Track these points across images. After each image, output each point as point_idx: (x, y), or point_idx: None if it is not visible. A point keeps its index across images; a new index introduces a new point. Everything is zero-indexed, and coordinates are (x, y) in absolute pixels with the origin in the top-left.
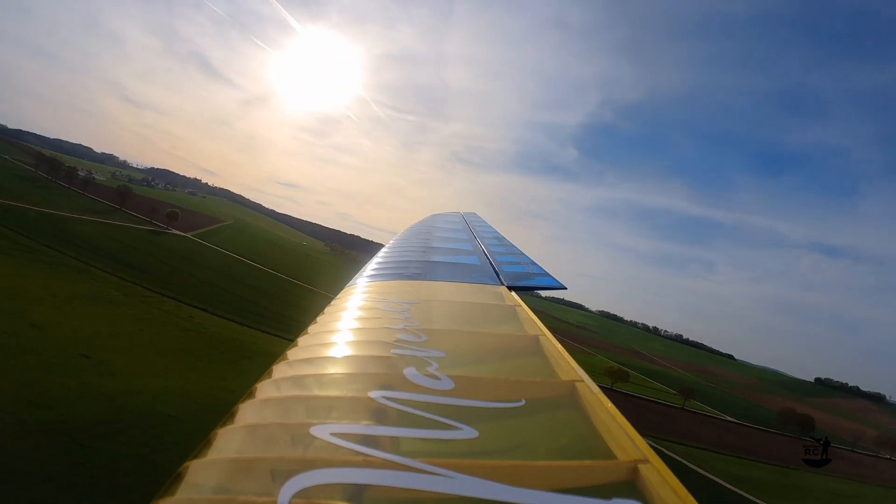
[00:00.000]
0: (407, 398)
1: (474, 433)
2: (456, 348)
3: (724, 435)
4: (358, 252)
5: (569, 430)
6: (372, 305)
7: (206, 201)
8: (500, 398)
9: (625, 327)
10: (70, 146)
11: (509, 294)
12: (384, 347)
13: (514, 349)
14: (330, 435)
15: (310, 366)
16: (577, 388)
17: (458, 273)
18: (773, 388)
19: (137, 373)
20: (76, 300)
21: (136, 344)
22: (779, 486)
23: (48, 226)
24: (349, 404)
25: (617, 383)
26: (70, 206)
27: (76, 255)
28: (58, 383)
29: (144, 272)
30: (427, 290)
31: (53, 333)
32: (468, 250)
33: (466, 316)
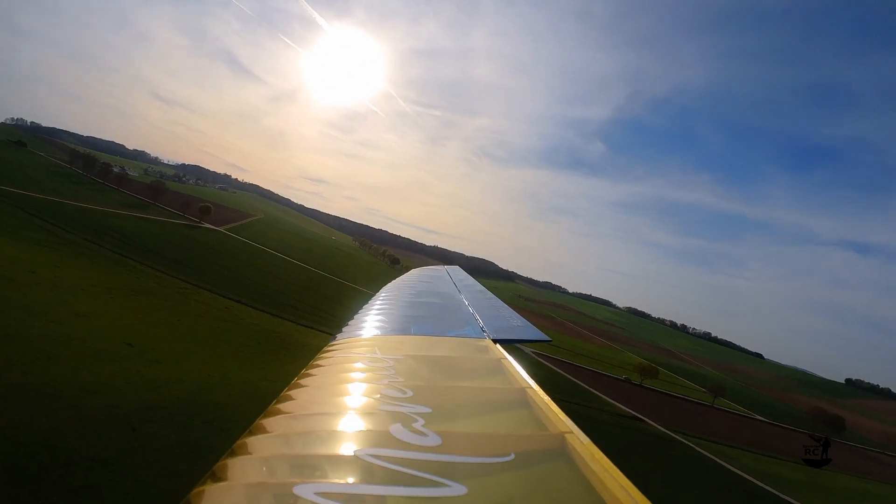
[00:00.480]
0: (393, 455)
1: (463, 489)
2: (442, 403)
3: (754, 433)
4: (387, 247)
5: (560, 482)
6: (356, 361)
7: (236, 196)
8: (488, 453)
9: (652, 324)
10: (103, 143)
11: (494, 347)
12: (369, 404)
13: (501, 402)
14: (314, 494)
15: (294, 423)
16: (567, 440)
17: (443, 327)
18: (802, 387)
19: (181, 361)
20: (116, 291)
21: (176, 334)
22: (810, 486)
23: (86, 220)
24: (334, 462)
25: (646, 380)
26: (105, 201)
27: (114, 247)
28: (106, 370)
29: (180, 264)
30: (411, 345)
31: (96, 322)
32: (452, 305)
33: (452, 370)
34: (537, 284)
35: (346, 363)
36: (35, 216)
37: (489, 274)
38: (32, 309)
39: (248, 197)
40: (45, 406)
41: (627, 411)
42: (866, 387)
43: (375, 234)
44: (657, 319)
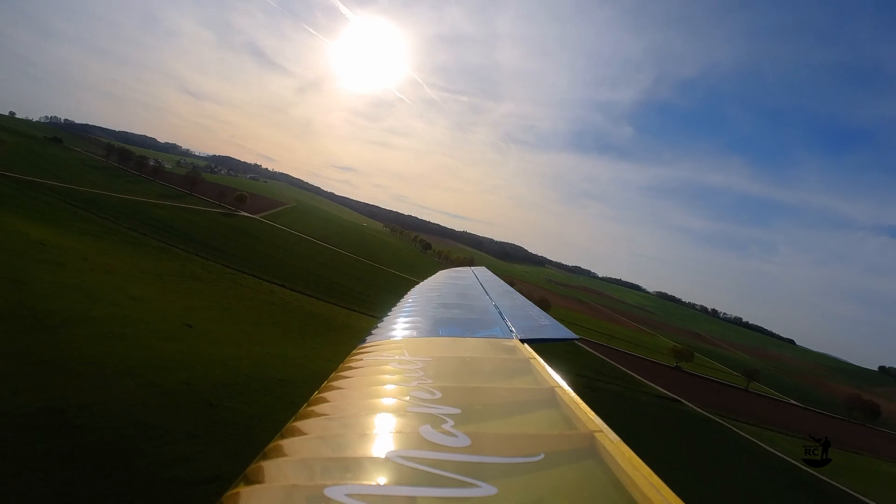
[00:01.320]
0: (423, 456)
1: (493, 490)
2: (471, 404)
3: (789, 417)
4: (419, 233)
5: (591, 482)
6: (385, 363)
7: (267, 185)
8: (517, 453)
9: (683, 309)
10: (136, 137)
11: (523, 347)
12: (399, 405)
13: (530, 403)
14: (345, 496)
15: (325, 425)
16: (597, 439)
17: (470, 328)
18: (834, 374)
19: (239, 341)
20: (165, 276)
21: (230, 316)
22: (849, 469)
23: (127, 210)
24: (365, 464)
25: (682, 363)
26: (144, 192)
27: (157, 236)
28: (173, 349)
29: (222, 251)
30: (439, 347)
31: (152, 305)
32: (479, 306)
33: (480, 371)
34: (567, 269)
35: (376, 365)
36: (79, 207)
37: (519, 259)
38: (91, 293)
39: (279, 186)
40: (123, 383)
41: (666, 393)
42: None
43: (405, 220)
44: (688, 304)
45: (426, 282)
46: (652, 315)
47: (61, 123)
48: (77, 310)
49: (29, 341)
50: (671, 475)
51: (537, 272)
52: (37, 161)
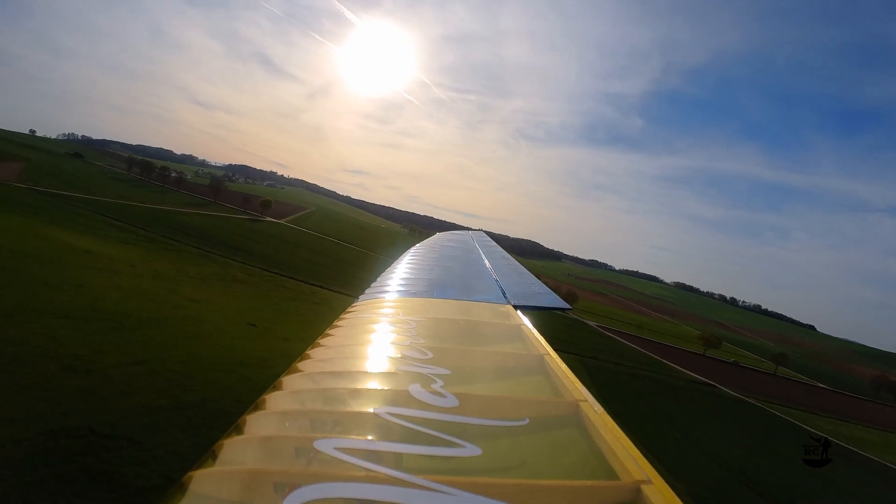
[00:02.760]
0: (411, 415)
1: (478, 451)
2: (461, 366)
3: (819, 400)
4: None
5: (572, 449)
6: (378, 322)
7: (285, 192)
8: (504, 416)
9: (702, 298)
10: (153, 150)
11: (515, 313)
12: (390, 364)
13: (518, 368)
14: (334, 449)
15: (316, 380)
16: (581, 408)
17: (465, 291)
18: (857, 358)
19: (304, 338)
20: (210, 280)
21: (283, 315)
22: (887, 446)
23: (158, 219)
24: (354, 419)
25: (710, 350)
26: (170, 201)
27: (192, 242)
28: (249, 346)
29: (255, 255)
30: (433, 308)
31: (210, 307)
32: (476, 270)
33: (472, 334)
34: (584, 263)
35: (368, 323)
36: (113, 218)
37: (536, 254)
38: (151, 296)
39: (297, 192)
40: (224, 379)
41: (700, 378)
42: None
43: (422, 220)
44: (706, 293)
45: (424, 243)
46: (672, 305)
47: (79, 139)
48: (147, 312)
49: (119, 342)
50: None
51: (555, 267)
52: (62, 175)
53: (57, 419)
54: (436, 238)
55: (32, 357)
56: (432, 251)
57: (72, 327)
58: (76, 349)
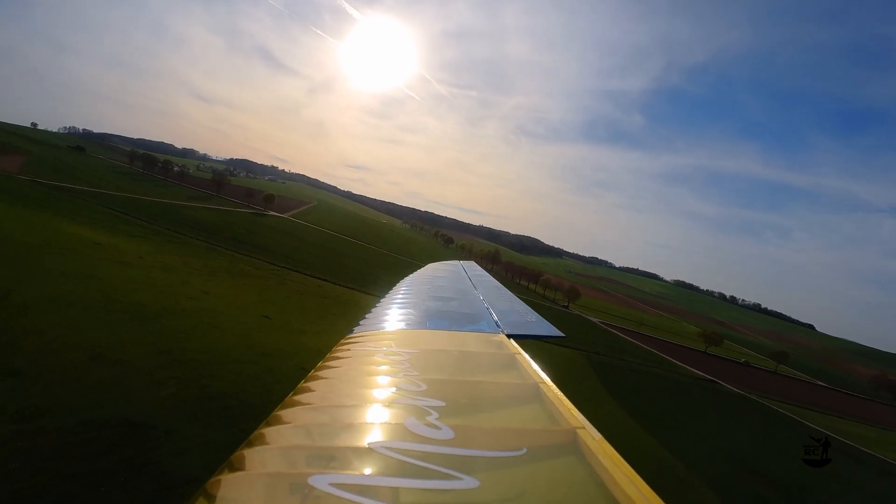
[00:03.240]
0: (407, 448)
1: (475, 483)
2: (456, 397)
3: (818, 397)
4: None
5: (571, 478)
6: (372, 354)
7: (286, 186)
8: (501, 447)
9: (701, 296)
10: (153, 144)
11: (509, 342)
12: (384, 397)
13: (514, 397)
14: (329, 485)
15: (311, 414)
16: (579, 436)
17: (458, 322)
18: (856, 357)
19: (318, 331)
20: (219, 273)
21: (293, 308)
22: (886, 443)
23: (163, 212)
24: (349, 454)
25: (711, 347)
26: (172, 195)
27: (197, 236)
28: (266, 338)
29: (261, 248)
30: (426, 339)
31: (222, 300)
32: (468, 300)
33: (466, 365)
34: (584, 260)
35: (363, 356)
36: (117, 210)
37: (536, 251)
38: (164, 288)
39: (298, 187)
40: (249, 370)
41: (702, 374)
42: None
43: (422, 216)
44: (706, 291)
45: (416, 274)
46: (671, 303)
47: (80, 133)
48: (163, 303)
49: (140, 332)
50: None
51: (556, 264)
52: (65, 168)
53: (90, 410)
54: (427, 269)
55: (56, 347)
56: (425, 282)
57: (91, 318)
58: (99, 339)
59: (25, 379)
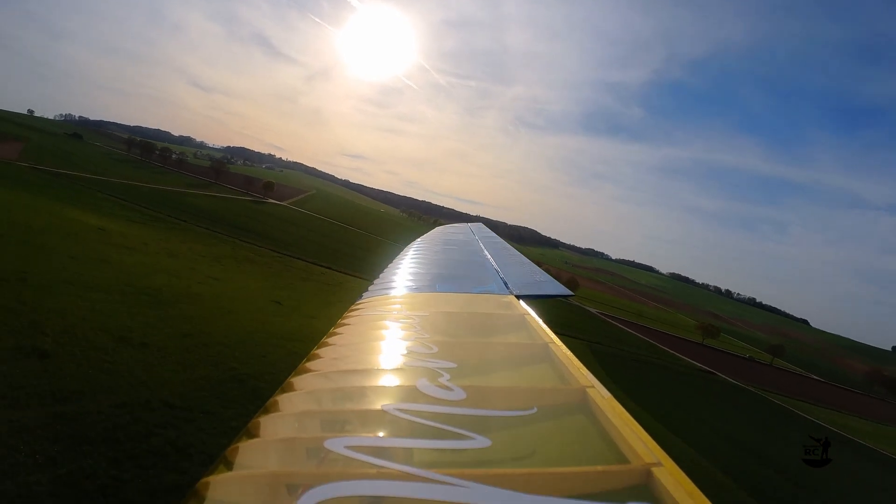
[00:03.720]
0: (420, 409)
1: (487, 442)
2: (467, 358)
3: (814, 390)
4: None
5: (581, 435)
6: (383, 318)
7: (284, 174)
8: (511, 407)
9: (697, 290)
10: (151, 132)
11: (518, 303)
12: (396, 360)
13: (524, 357)
14: (344, 448)
15: (323, 380)
16: (589, 394)
17: (467, 284)
18: (850, 353)
19: (329, 316)
20: (223, 259)
21: (301, 294)
22: (882, 436)
23: (164, 199)
24: (363, 417)
25: (708, 339)
26: (172, 182)
27: (199, 223)
28: (283, 322)
29: (263, 236)
30: (437, 302)
31: (232, 285)
32: (476, 261)
33: (476, 326)
34: (580, 251)
35: (374, 320)
36: (118, 197)
37: (533, 241)
38: (173, 272)
39: (296, 175)
40: (271, 353)
41: (700, 366)
42: None
43: (420, 205)
44: (702, 285)
45: (424, 237)
46: (667, 295)
47: (76, 120)
48: (176, 288)
49: (160, 315)
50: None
51: (552, 255)
52: (63, 155)
53: (126, 392)
54: (436, 231)
55: (83, 329)
56: (433, 245)
57: (111, 300)
58: (122, 322)
59: (56, 360)
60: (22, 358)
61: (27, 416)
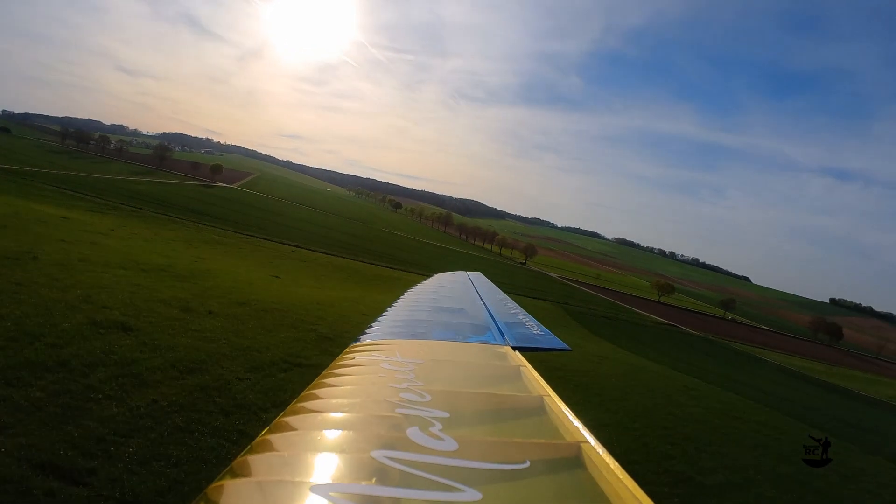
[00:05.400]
0: (410, 458)
1: (478, 495)
2: (460, 408)
3: (765, 339)
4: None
5: (574, 492)
6: (376, 364)
7: (224, 158)
8: (504, 460)
9: (642, 253)
10: (80, 122)
11: (514, 354)
12: (388, 407)
13: (518, 409)
14: (330, 494)
15: (313, 422)
16: (583, 450)
17: (464, 333)
18: (791, 306)
19: (329, 288)
20: (195, 242)
21: (286, 271)
22: (830, 374)
23: (112, 188)
24: (351, 463)
25: (663, 296)
26: (115, 171)
27: (154, 210)
28: (306, 293)
29: (222, 219)
30: (432, 350)
31: (224, 263)
32: (474, 311)
33: (471, 376)
34: (527, 221)
35: (369, 365)
36: (65, 188)
37: (480, 213)
38: (162, 253)
39: (237, 158)
40: (328, 313)
41: (662, 320)
42: (850, 305)
43: (364, 182)
44: (646, 248)
45: (421, 284)
46: (615, 259)
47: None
48: (182, 265)
49: (195, 288)
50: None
51: (501, 225)
52: None
53: (245, 357)
54: (433, 280)
55: (139, 301)
56: (430, 293)
57: (138, 276)
58: (170, 293)
59: (143, 333)
60: (107, 333)
61: (163, 393)
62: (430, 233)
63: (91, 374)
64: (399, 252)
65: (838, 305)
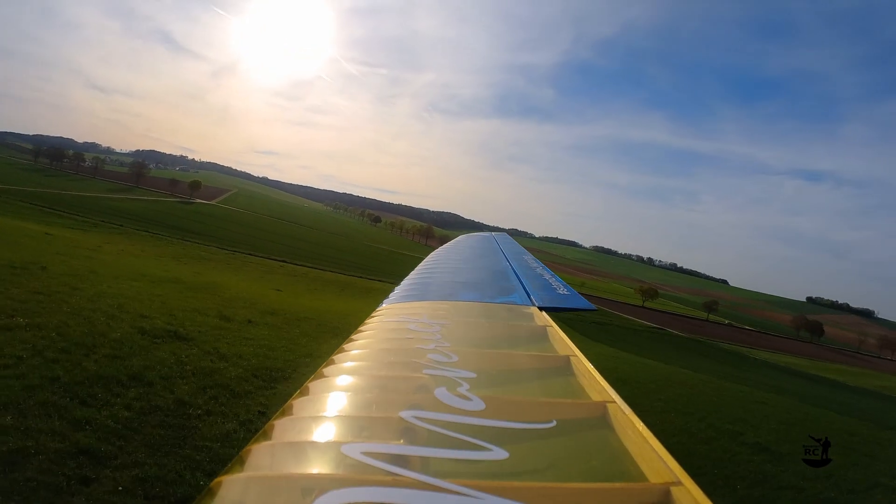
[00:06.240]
0: (437, 418)
1: (505, 454)
2: (487, 369)
3: (749, 339)
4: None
5: (600, 451)
6: (403, 326)
7: (200, 175)
8: (530, 419)
9: (620, 260)
10: (53, 140)
11: (540, 314)
12: (415, 368)
13: (545, 370)
14: (361, 454)
15: (342, 384)
16: (609, 409)
17: (490, 293)
18: (770, 307)
19: (330, 300)
20: (183, 258)
21: (281, 285)
22: (815, 368)
23: (91, 205)
24: (380, 424)
25: (647, 301)
26: (92, 188)
27: (135, 226)
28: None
29: (205, 235)
30: (458, 311)
31: (219, 277)
32: (500, 270)
33: (497, 336)
34: (505, 232)
35: (394, 327)
36: (43, 206)
37: (457, 226)
38: (161, 267)
39: (212, 175)
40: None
41: (649, 324)
42: (826, 303)
43: (342, 198)
44: (624, 255)
45: (446, 246)
46: (594, 267)
47: None
48: (184, 279)
49: (216, 300)
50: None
51: None
52: None
53: (321, 364)
54: (457, 240)
55: (174, 311)
56: (455, 253)
57: (156, 287)
58: (198, 304)
59: (198, 342)
60: (163, 343)
61: (264, 403)
62: (413, 245)
63: (174, 387)
64: (385, 265)
65: (815, 303)
